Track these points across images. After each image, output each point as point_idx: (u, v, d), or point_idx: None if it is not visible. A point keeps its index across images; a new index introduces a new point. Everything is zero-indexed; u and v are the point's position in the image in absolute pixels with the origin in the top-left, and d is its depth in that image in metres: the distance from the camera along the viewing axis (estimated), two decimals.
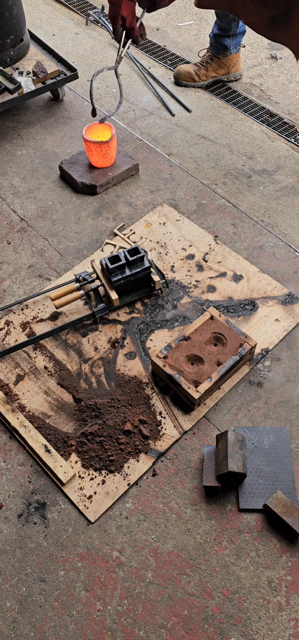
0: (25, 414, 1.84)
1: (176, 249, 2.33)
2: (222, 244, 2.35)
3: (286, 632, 1.44)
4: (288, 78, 3.28)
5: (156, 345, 2.02)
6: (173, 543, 1.59)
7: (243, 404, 1.87)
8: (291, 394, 1.88)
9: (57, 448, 1.76)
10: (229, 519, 1.63)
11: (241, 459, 1.65)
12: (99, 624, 1.46)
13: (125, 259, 2.09)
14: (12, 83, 2.77)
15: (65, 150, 2.81)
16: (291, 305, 2.12)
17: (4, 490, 1.70)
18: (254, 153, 2.79)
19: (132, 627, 1.46)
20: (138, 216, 2.49)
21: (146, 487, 1.69)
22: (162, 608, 1.48)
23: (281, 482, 1.67)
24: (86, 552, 1.58)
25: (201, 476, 1.70)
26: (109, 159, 2.61)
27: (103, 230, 2.44)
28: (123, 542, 1.59)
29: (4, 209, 2.54)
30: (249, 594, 1.50)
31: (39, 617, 1.48)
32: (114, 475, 1.70)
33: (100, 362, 1.98)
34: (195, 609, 1.48)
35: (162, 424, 1.81)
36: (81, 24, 3.72)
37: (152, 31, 3.66)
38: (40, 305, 2.15)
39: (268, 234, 2.40)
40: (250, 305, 2.12)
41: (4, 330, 2.08)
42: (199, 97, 3.13)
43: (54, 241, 2.40)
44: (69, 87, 3.18)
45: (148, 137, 2.88)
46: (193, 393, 1.80)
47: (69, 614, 1.48)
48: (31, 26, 3.61)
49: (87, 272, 2.15)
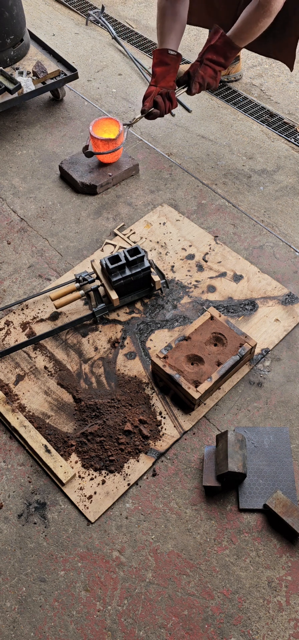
0: (25, 414, 1.84)
1: (176, 249, 2.33)
2: (222, 244, 2.35)
3: (286, 632, 1.44)
4: (288, 78, 3.27)
5: (156, 345, 2.02)
6: (173, 543, 1.59)
7: (243, 404, 1.87)
8: (291, 394, 1.88)
9: (57, 448, 1.76)
10: (229, 519, 1.63)
11: (241, 459, 1.65)
12: (99, 624, 1.46)
13: (125, 259, 2.09)
14: (12, 83, 2.77)
15: (65, 150, 2.81)
16: (291, 305, 2.12)
17: (4, 490, 1.70)
18: (254, 153, 2.79)
19: (132, 627, 1.46)
20: (138, 216, 2.49)
21: (146, 487, 1.69)
22: (162, 608, 1.49)
23: (281, 482, 1.67)
24: (86, 552, 1.58)
25: (201, 476, 1.70)
26: (116, 154, 2.60)
27: (103, 230, 2.44)
28: (123, 542, 1.59)
29: (4, 209, 2.54)
30: (249, 594, 1.50)
31: (39, 617, 1.48)
32: (114, 475, 1.70)
33: (100, 362, 1.98)
34: (195, 609, 1.48)
35: (162, 424, 1.81)
36: (81, 24, 3.72)
37: (153, 31, 3.66)
38: (40, 305, 2.15)
39: (268, 234, 2.40)
40: (250, 305, 2.12)
41: (4, 330, 2.08)
42: (199, 97, 3.13)
43: (54, 241, 2.40)
44: (69, 87, 3.18)
45: (148, 137, 2.88)
46: (193, 393, 1.80)
47: (69, 614, 1.48)
48: (31, 26, 3.61)
49: (87, 272, 2.15)
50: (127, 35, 3.61)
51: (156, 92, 2.37)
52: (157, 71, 2.39)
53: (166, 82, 2.39)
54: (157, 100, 2.36)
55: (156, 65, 2.40)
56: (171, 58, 2.38)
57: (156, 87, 2.39)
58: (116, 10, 3.87)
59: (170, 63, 2.38)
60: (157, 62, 2.40)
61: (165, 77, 2.38)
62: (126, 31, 3.65)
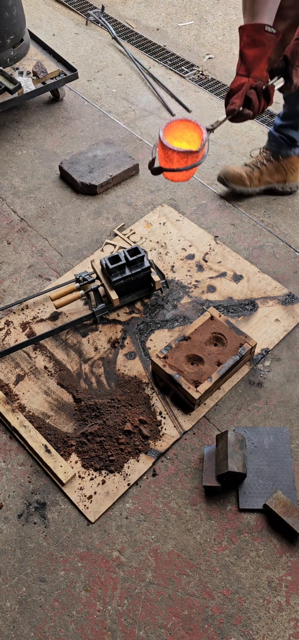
0: (25, 414, 1.84)
1: (176, 249, 2.33)
2: (222, 244, 2.35)
3: (286, 632, 1.44)
4: None
5: (156, 345, 2.02)
6: (173, 543, 1.59)
7: (243, 404, 1.87)
8: (291, 394, 1.88)
9: (57, 448, 1.76)
10: (229, 519, 1.63)
11: (241, 459, 1.65)
12: (99, 624, 1.46)
13: (125, 259, 2.09)
14: (12, 83, 2.77)
15: (66, 150, 2.81)
16: (291, 305, 2.12)
17: (4, 490, 1.70)
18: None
19: (132, 627, 1.46)
20: (138, 216, 2.49)
21: (146, 487, 1.69)
22: (162, 608, 1.48)
23: (281, 482, 1.67)
24: (86, 552, 1.58)
25: (201, 476, 1.70)
26: (191, 172, 1.84)
27: (103, 230, 2.44)
28: (123, 542, 1.59)
29: (4, 209, 2.54)
30: (249, 594, 1.50)
31: (39, 617, 1.48)
32: (114, 475, 1.70)
33: (100, 362, 1.98)
34: (195, 609, 1.48)
35: (162, 424, 1.81)
36: (81, 24, 3.72)
37: (153, 31, 3.66)
38: (40, 305, 2.15)
39: (268, 234, 2.40)
40: (250, 305, 2.12)
41: (4, 330, 2.08)
42: (199, 97, 3.13)
43: (54, 241, 2.40)
44: (69, 87, 3.18)
45: (148, 137, 2.88)
46: (193, 393, 1.80)
47: (69, 614, 1.48)
48: (31, 26, 3.61)
49: (87, 272, 2.15)
50: (127, 35, 3.61)
51: (249, 86, 1.79)
52: (249, 55, 1.79)
53: (260, 70, 1.80)
54: (250, 96, 1.78)
55: (247, 46, 1.79)
56: (269, 37, 1.75)
57: (249, 79, 1.80)
58: (116, 10, 3.87)
59: (266, 44, 1.76)
60: (248, 42, 1.79)
61: (259, 63, 1.79)
62: (126, 31, 3.65)
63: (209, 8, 3.88)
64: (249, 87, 1.79)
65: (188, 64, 3.38)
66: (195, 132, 1.83)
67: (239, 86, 1.79)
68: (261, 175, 2.51)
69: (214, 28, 3.70)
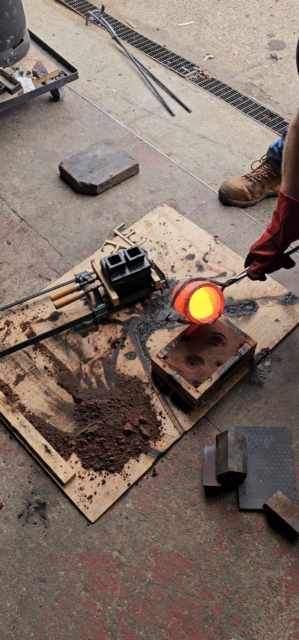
0: (25, 414, 1.84)
1: (176, 249, 2.33)
2: (222, 244, 2.35)
3: (286, 632, 1.44)
4: (288, 78, 3.27)
5: (156, 345, 2.02)
6: (173, 543, 1.59)
7: (243, 404, 1.87)
8: (291, 394, 1.88)
9: (57, 448, 1.76)
10: (229, 519, 1.63)
11: (241, 459, 1.65)
12: (99, 624, 1.46)
13: (125, 259, 2.09)
14: (12, 83, 2.77)
15: (66, 150, 2.81)
16: (291, 305, 2.12)
17: (4, 490, 1.70)
18: (254, 153, 2.79)
19: (132, 627, 1.46)
20: (138, 216, 2.49)
21: (146, 487, 1.69)
22: (162, 608, 1.49)
23: (281, 482, 1.67)
24: (86, 552, 1.58)
25: (201, 476, 1.70)
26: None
27: (103, 231, 2.44)
28: (123, 542, 1.59)
29: (4, 209, 2.54)
30: (249, 594, 1.50)
31: (39, 617, 1.48)
32: (114, 476, 1.70)
33: (100, 362, 1.98)
34: (195, 609, 1.48)
35: (162, 424, 1.81)
36: (81, 24, 3.72)
37: (152, 31, 3.66)
38: (40, 306, 2.15)
39: None
40: (250, 306, 2.12)
41: (4, 330, 2.08)
42: (199, 97, 3.13)
43: (54, 241, 2.40)
44: (69, 87, 3.18)
45: (148, 137, 2.88)
46: (193, 393, 1.80)
47: (69, 614, 1.48)
48: (31, 26, 3.61)
49: (87, 272, 2.15)
50: (127, 35, 3.61)
51: (275, 259, 1.85)
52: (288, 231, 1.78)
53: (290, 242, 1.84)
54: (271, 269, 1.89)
55: (290, 222, 1.76)
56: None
57: (278, 251, 1.83)
58: (116, 10, 3.87)
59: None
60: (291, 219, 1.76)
61: (293, 239, 1.83)
62: (126, 31, 3.65)
63: (209, 8, 3.88)
64: (276, 258, 1.85)
65: (188, 64, 3.38)
66: (212, 290, 1.93)
67: (267, 257, 1.84)
68: (262, 188, 2.51)
69: (214, 28, 3.70)
